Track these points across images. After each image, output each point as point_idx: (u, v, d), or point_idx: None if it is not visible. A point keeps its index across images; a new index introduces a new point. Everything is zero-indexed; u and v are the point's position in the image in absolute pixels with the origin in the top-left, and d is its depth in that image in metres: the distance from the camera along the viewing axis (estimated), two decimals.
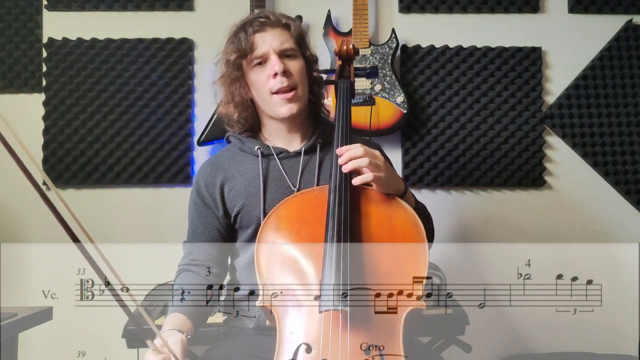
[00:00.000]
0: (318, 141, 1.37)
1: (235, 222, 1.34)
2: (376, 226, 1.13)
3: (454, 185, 2.28)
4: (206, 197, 1.36)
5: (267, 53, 1.30)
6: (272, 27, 1.32)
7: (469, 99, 2.29)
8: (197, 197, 1.38)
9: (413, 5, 2.29)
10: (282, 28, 1.33)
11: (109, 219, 2.24)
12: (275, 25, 1.33)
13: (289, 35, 1.33)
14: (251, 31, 1.31)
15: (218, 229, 1.37)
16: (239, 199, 1.33)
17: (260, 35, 1.31)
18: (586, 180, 2.32)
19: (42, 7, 2.25)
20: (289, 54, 1.32)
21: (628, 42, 2.32)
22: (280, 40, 1.31)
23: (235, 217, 1.33)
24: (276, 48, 1.30)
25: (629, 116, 2.31)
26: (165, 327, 1.18)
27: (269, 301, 1.05)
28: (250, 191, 1.32)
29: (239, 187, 1.34)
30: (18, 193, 2.22)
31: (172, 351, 1.04)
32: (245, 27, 1.32)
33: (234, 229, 1.37)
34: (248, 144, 1.38)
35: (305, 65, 1.35)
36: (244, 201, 1.32)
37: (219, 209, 1.35)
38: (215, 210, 1.36)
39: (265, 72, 1.30)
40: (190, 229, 1.40)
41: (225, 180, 1.36)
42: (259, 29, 1.31)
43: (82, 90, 2.22)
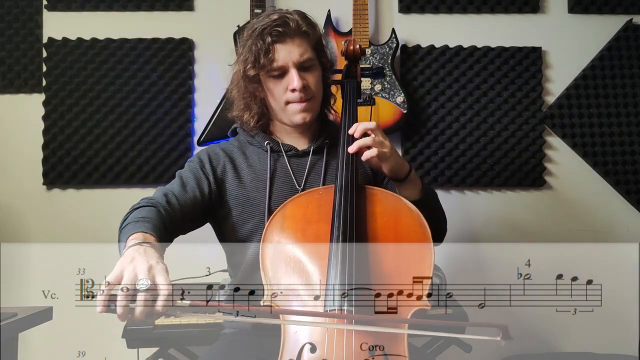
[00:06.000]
0: (326, 142, 1.37)
1: (233, 214, 1.32)
2: (382, 226, 1.13)
3: (454, 185, 2.28)
4: (206, 165, 1.33)
5: (286, 66, 1.27)
6: (292, 38, 1.27)
7: (469, 99, 2.29)
8: (198, 161, 1.33)
9: (413, 5, 2.29)
10: (301, 37, 1.28)
11: (109, 219, 2.23)
12: (295, 34, 1.27)
13: (308, 45, 1.29)
14: (269, 40, 1.25)
15: (204, 192, 1.28)
16: (243, 190, 1.32)
17: (279, 46, 1.26)
18: (586, 180, 2.32)
19: (42, 7, 2.25)
20: (307, 65, 1.29)
21: (628, 42, 2.32)
22: (299, 52, 1.27)
23: (236, 208, 1.32)
24: (295, 61, 1.27)
25: (629, 116, 2.31)
26: (132, 241, 1.00)
27: (274, 301, 1.04)
28: (257, 185, 1.32)
29: (245, 179, 1.33)
30: (18, 193, 2.22)
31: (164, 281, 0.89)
32: (264, 35, 1.26)
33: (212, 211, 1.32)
34: (257, 138, 1.37)
35: (322, 73, 1.34)
36: (249, 194, 1.31)
37: (211, 182, 1.30)
38: (209, 177, 1.31)
39: (282, 84, 1.28)
40: (172, 181, 1.30)
41: (231, 167, 1.34)
42: (277, 40, 1.26)
43: (82, 90, 2.22)
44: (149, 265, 0.90)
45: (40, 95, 2.23)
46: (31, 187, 2.22)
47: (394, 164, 1.22)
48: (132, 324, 1.63)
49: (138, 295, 0.86)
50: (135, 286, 0.86)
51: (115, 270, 0.90)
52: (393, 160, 1.21)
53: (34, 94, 2.24)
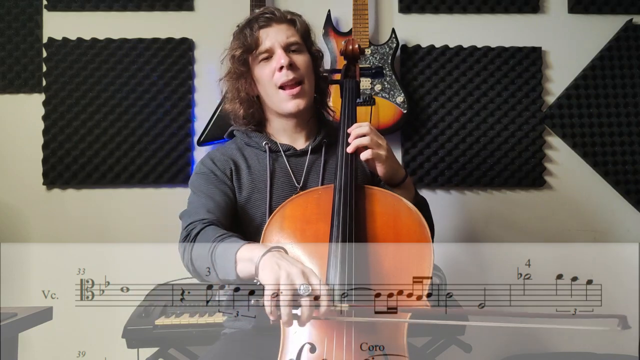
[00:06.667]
0: (324, 141, 1.38)
1: (238, 216, 1.32)
2: (381, 226, 1.13)
3: (454, 185, 2.28)
4: (217, 171, 1.32)
5: (272, 47, 1.30)
6: (278, 23, 1.32)
7: (469, 99, 2.29)
8: (208, 171, 1.32)
9: (413, 5, 2.29)
10: (288, 23, 1.33)
11: (109, 219, 2.24)
12: (281, 20, 1.33)
13: (295, 31, 1.34)
14: (257, 27, 1.31)
15: (230, 197, 1.28)
16: (244, 192, 1.32)
17: (266, 30, 1.31)
18: (586, 180, 2.32)
19: (42, 7, 2.25)
20: (294, 48, 1.32)
21: (628, 42, 2.32)
22: (286, 35, 1.31)
23: (238, 210, 1.32)
24: (282, 42, 1.30)
25: (629, 116, 2.31)
26: (256, 250, 0.98)
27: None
28: (257, 186, 1.32)
29: (245, 180, 1.33)
30: (18, 193, 2.22)
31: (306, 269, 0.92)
32: (251, 23, 1.32)
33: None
34: (255, 139, 1.38)
35: (311, 60, 1.35)
36: (250, 195, 1.31)
37: (229, 185, 1.31)
38: (226, 181, 1.31)
39: (270, 66, 1.30)
40: (196, 199, 1.26)
41: (235, 169, 1.35)
42: (265, 25, 1.31)
43: (82, 90, 2.22)
44: (300, 269, 0.91)
45: (40, 95, 2.23)
46: (31, 187, 2.22)
47: (389, 167, 1.22)
48: (134, 324, 1.63)
49: (302, 301, 0.88)
50: (296, 291, 0.88)
51: (270, 280, 0.90)
52: (389, 163, 1.22)
53: (34, 94, 2.24)
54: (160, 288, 1.52)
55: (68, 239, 2.18)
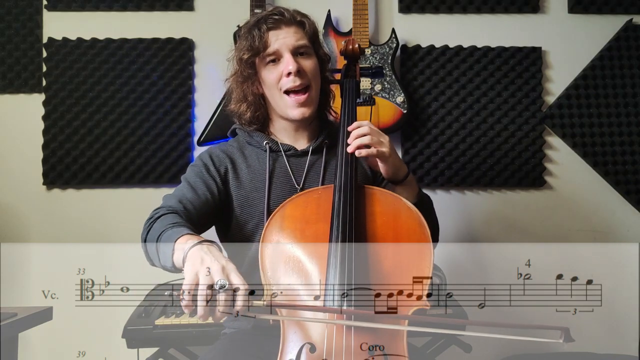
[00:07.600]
0: (325, 142, 1.37)
1: (234, 215, 1.33)
2: (381, 226, 1.13)
3: (454, 185, 2.28)
4: (211, 167, 1.33)
5: (280, 51, 1.29)
6: (287, 25, 1.30)
7: (469, 99, 2.29)
8: (202, 164, 1.33)
9: (413, 5, 2.29)
10: (297, 26, 1.31)
11: (109, 219, 2.24)
12: (290, 22, 1.31)
13: (304, 33, 1.32)
14: (265, 28, 1.29)
15: (214, 193, 1.29)
16: (242, 190, 1.32)
17: (274, 32, 1.29)
18: (586, 180, 2.32)
19: (42, 7, 2.25)
20: (302, 51, 1.31)
21: (628, 42, 2.32)
22: (295, 38, 1.30)
23: (236, 209, 1.32)
24: (290, 46, 1.29)
25: (629, 116, 2.31)
26: (189, 242, 0.98)
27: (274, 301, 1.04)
28: (256, 185, 1.32)
29: (244, 179, 1.33)
30: (18, 193, 2.22)
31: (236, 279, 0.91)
32: (259, 24, 1.30)
33: (221, 213, 1.33)
34: (256, 138, 1.37)
35: (318, 65, 1.35)
36: (248, 194, 1.32)
37: (219, 183, 1.31)
38: (216, 178, 1.32)
39: (278, 70, 1.29)
40: (179, 187, 1.29)
41: (232, 167, 1.35)
42: (273, 27, 1.29)
43: (82, 90, 2.22)
44: (221, 265, 0.91)
45: (40, 95, 2.23)
46: (31, 187, 2.23)
47: (392, 165, 1.22)
48: (134, 324, 1.63)
49: (219, 295, 0.88)
50: (213, 287, 0.88)
51: (190, 273, 0.90)
52: (392, 161, 1.21)
53: (34, 94, 2.24)
54: (160, 288, 1.53)
55: (68, 239, 2.18)
